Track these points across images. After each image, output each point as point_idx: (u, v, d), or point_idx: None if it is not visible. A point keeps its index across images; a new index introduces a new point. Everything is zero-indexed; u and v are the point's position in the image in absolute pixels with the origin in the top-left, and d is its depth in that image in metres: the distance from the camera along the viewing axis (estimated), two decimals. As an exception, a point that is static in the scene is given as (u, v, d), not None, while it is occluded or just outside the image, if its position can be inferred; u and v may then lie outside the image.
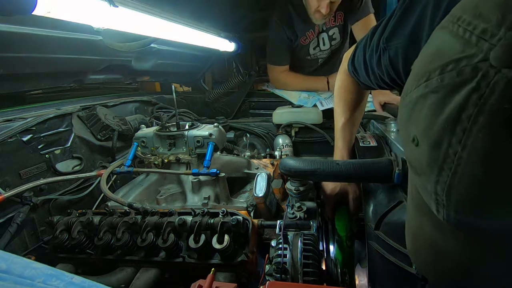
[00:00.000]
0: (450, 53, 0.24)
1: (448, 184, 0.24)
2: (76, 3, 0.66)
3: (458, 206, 0.25)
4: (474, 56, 0.22)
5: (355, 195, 0.81)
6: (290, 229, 0.66)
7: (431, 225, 0.31)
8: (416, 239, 0.36)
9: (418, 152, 0.27)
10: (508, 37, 0.20)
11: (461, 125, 0.22)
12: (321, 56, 1.85)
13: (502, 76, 0.20)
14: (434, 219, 0.28)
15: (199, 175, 0.86)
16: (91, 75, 1.22)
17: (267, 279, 0.56)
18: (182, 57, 1.63)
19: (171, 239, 0.67)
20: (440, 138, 0.24)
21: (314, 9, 1.55)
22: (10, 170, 0.79)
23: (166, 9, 1.01)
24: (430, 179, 0.26)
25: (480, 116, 0.21)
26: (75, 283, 0.31)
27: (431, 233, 0.32)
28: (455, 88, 0.23)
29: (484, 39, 0.22)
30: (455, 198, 0.25)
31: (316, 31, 1.72)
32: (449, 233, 0.29)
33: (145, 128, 1.00)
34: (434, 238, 0.31)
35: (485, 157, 0.22)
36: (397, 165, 0.61)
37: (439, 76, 0.24)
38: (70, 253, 0.72)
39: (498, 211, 0.24)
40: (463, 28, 0.23)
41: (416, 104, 0.26)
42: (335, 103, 0.92)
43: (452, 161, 0.23)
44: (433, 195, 0.26)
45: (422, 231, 0.33)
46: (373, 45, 0.66)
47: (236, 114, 1.80)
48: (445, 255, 0.31)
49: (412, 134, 0.27)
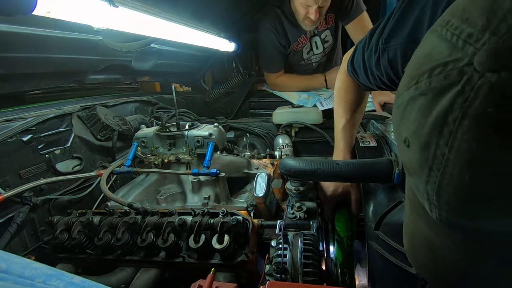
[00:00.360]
0: (438, 56, 0.24)
1: (437, 184, 0.25)
2: (76, 3, 0.66)
3: (448, 206, 0.25)
4: (460, 60, 0.22)
5: (357, 196, 0.81)
6: (290, 229, 0.66)
7: (427, 226, 0.31)
8: (413, 240, 0.36)
9: (409, 153, 0.27)
10: (492, 42, 0.21)
11: (448, 127, 0.23)
12: (315, 60, 1.85)
13: (485, 81, 0.20)
14: (429, 219, 0.29)
15: (199, 175, 0.86)
16: (91, 75, 1.22)
17: (267, 279, 0.56)
18: (182, 57, 1.63)
19: (171, 239, 0.67)
20: (428, 139, 0.24)
21: (303, 16, 1.54)
22: (10, 170, 0.79)
23: (166, 9, 1.01)
24: (421, 179, 0.26)
25: (464, 119, 0.22)
26: (75, 283, 0.31)
27: (427, 234, 0.32)
28: (442, 91, 0.23)
29: (469, 43, 0.22)
30: (445, 199, 0.25)
31: (308, 35, 1.72)
32: (444, 234, 0.29)
33: (145, 128, 1.00)
34: (430, 238, 0.32)
35: (470, 160, 0.22)
36: (397, 165, 0.61)
37: (427, 79, 0.24)
38: (70, 253, 0.72)
39: (486, 213, 0.24)
40: (451, 32, 0.24)
41: (406, 106, 0.27)
42: (335, 103, 0.92)
43: (440, 162, 0.24)
44: (425, 195, 0.27)
45: (419, 231, 0.34)
46: (372, 46, 0.66)
47: (236, 114, 1.80)
48: (442, 255, 0.31)
49: (404, 136, 0.27)
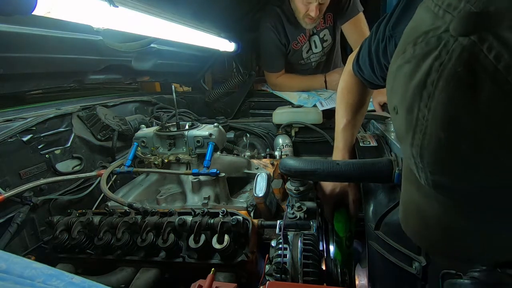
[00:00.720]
0: (423, 26, 0.26)
1: (420, 146, 0.26)
2: (76, 3, 0.66)
3: (431, 167, 0.27)
4: (439, 27, 0.24)
5: (355, 197, 0.81)
6: (290, 229, 0.66)
7: (417, 192, 0.33)
8: (406, 208, 0.38)
9: (398, 120, 0.29)
10: (466, 9, 0.23)
11: (427, 90, 0.24)
12: (314, 59, 1.86)
13: (458, 44, 0.22)
14: (419, 185, 0.31)
15: (199, 175, 0.86)
16: (91, 75, 1.22)
17: (267, 279, 0.56)
18: (182, 57, 1.63)
19: (171, 239, 0.67)
20: (412, 103, 0.26)
21: (303, 14, 1.54)
22: (10, 170, 0.79)
23: (166, 9, 1.01)
24: (408, 143, 0.28)
25: (440, 81, 0.23)
26: (75, 283, 0.31)
27: (418, 200, 0.34)
28: (423, 57, 0.25)
29: (448, 11, 0.24)
30: (427, 160, 0.27)
31: (307, 34, 1.72)
32: (432, 198, 0.31)
33: (145, 128, 1.00)
34: (420, 205, 0.34)
35: (444, 119, 0.24)
36: (397, 165, 0.61)
37: (412, 47, 0.27)
38: (70, 253, 0.72)
39: (464, 172, 0.25)
40: (435, 3, 0.26)
41: (395, 75, 0.29)
42: (337, 104, 0.92)
43: (422, 124, 0.25)
44: (412, 159, 0.28)
45: (410, 199, 0.36)
46: (379, 35, 0.66)
47: (236, 114, 1.80)
48: (430, 220, 0.33)
49: (393, 104, 0.30)
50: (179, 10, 1.10)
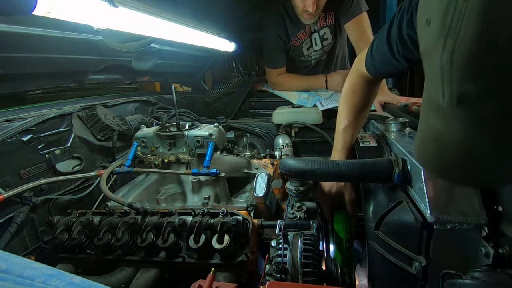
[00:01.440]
0: None
1: (451, 51, 0.27)
2: (76, 3, 0.66)
3: (460, 73, 0.27)
4: None
5: (351, 197, 0.80)
6: (290, 229, 0.66)
7: (437, 118, 0.33)
8: (423, 136, 0.38)
9: (429, 31, 0.30)
10: None
11: None
12: (315, 57, 1.86)
13: None
14: (439, 110, 0.32)
15: (199, 175, 0.86)
16: (91, 75, 1.22)
17: (267, 279, 0.56)
18: (182, 57, 1.63)
19: (171, 239, 0.67)
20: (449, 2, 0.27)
21: (301, 9, 1.57)
22: (10, 170, 0.79)
23: (166, 9, 1.01)
24: (438, 52, 0.28)
25: None
26: (75, 283, 0.31)
27: (437, 126, 0.34)
28: None
29: None
30: (457, 62, 0.27)
31: (308, 31, 1.73)
32: (453, 120, 0.31)
33: (145, 128, 1.00)
34: (439, 130, 0.34)
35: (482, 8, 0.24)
36: (397, 165, 0.61)
37: None
38: (70, 253, 0.72)
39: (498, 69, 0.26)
40: None
41: None
42: (340, 104, 0.91)
43: (458, 20, 0.26)
44: (440, 71, 0.29)
45: (428, 126, 0.36)
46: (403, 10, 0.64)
47: (236, 114, 1.80)
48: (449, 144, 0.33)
49: (426, 17, 0.31)
50: (179, 10, 1.10)
